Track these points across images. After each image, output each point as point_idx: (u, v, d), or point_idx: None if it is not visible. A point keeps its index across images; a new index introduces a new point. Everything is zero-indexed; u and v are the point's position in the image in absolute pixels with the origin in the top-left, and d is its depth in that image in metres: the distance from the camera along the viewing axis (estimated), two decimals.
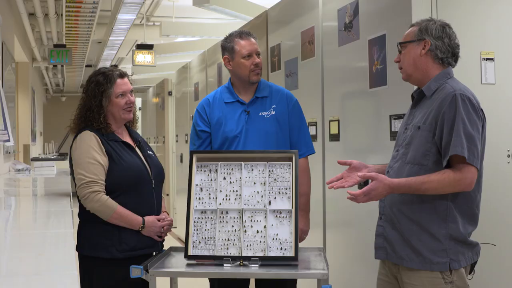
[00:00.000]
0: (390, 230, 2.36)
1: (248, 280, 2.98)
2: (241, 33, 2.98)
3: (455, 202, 2.25)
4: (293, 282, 2.90)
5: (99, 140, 2.67)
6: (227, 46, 2.98)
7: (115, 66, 12.24)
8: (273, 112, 2.96)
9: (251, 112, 2.95)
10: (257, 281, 2.96)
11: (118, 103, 2.73)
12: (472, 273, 2.33)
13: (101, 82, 2.71)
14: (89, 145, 2.65)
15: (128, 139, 2.82)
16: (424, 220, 2.27)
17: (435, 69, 2.35)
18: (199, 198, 2.58)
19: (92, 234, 2.66)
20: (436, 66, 2.34)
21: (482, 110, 2.27)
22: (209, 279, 2.94)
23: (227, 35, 3.02)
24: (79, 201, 2.67)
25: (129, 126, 2.90)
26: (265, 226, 2.49)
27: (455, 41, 2.36)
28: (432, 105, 2.27)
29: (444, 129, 2.21)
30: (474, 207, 2.29)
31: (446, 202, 2.24)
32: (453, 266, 2.24)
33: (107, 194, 2.62)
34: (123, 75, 2.76)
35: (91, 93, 2.72)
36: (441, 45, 2.33)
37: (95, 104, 2.70)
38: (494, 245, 2.67)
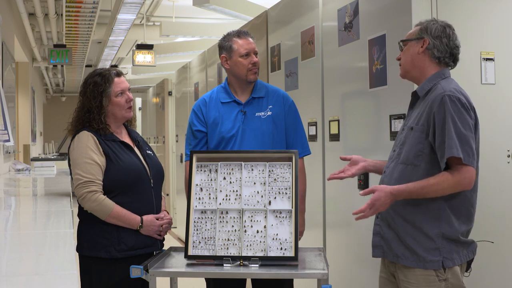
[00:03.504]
0: (386, 229, 2.39)
1: (245, 280, 2.98)
2: (239, 32, 2.98)
3: (449, 202, 2.26)
4: (290, 282, 2.90)
5: (97, 140, 2.67)
6: (225, 45, 2.98)
7: (115, 66, 12.25)
8: (269, 113, 2.96)
9: (247, 112, 2.95)
10: (254, 281, 2.95)
11: (119, 102, 2.73)
12: (468, 271, 2.35)
13: (99, 83, 2.71)
14: (87, 145, 2.65)
15: (126, 139, 2.81)
16: (417, 220, 2.29)
17: (431, 68, 2.36)
18: (199, 198, 2.58)
19: (91, 234, 2.66)
20: (433, 65, 2.36)
21: (474, 109, 2.27)
22: (205, 279, 2.94)
23: (225, 34, 3.03)
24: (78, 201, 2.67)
25: (128, 126, 2.90)
26: (265, 226, 2.49)
27: (454, 42, 2.36)
28: (424, 106, 2.29)
29: (436, 130, 2.22)
30: (469, 206, 2.31)
31: (440, 202, 2.25)
32: (447, 264, 2.26)
33: (105, 194, 2.62)
34: (119, 73, 2.77)
35: (90, 94, 2.71)
36: (439, 44, 2.34)
37: (95, 105, 2.70)
38: (492, 242, 2.68)
